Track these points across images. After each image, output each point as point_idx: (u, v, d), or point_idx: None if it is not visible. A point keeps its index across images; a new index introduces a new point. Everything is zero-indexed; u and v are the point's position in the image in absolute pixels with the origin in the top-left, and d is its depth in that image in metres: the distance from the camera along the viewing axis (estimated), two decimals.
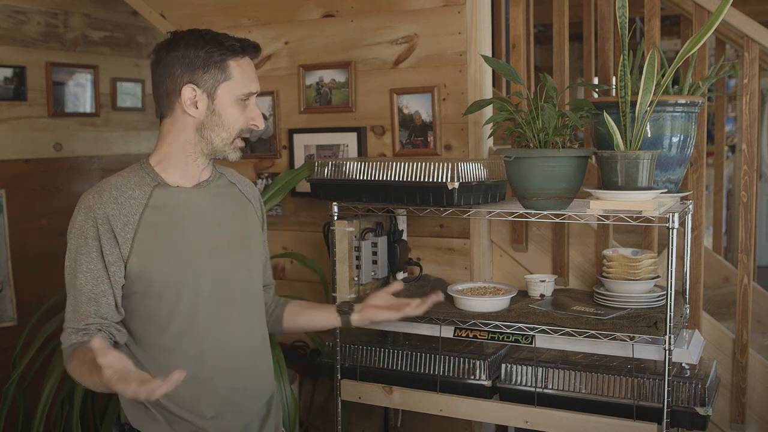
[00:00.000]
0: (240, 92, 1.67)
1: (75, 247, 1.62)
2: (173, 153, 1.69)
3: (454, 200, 2.21)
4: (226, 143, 1.69)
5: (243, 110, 1.69)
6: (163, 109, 1.70)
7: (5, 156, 3.57)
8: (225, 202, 1.78)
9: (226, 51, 1.65)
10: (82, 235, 1.61)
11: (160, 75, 1.67)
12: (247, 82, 1.68)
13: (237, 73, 1.66)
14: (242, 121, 1.69)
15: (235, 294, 1.75)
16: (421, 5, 2.76)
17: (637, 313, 2.16)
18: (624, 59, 2.13)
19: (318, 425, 3.14)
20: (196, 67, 1.63)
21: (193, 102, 1.65)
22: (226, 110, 1.66)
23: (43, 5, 3.71)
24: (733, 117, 6.70)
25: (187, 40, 1.65)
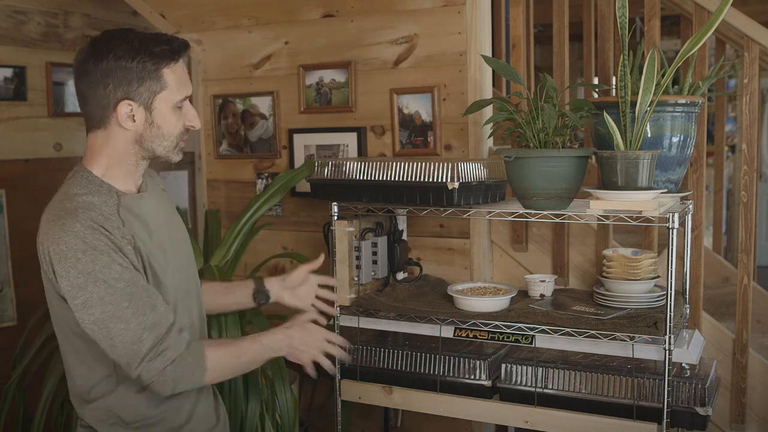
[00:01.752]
0: (176, 99, 1.60)
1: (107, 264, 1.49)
2: (115, 164, 1.61)
3: (454, 200, 2.21)
4: (169, 150, 1.63)
5: (180, 115, 1.62)
6: (95, 122, 1.59)
7: (5, 156, 3.57)
8: (159, 200, 1.75)
9: (158, 59, 1.56)
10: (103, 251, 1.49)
11: (89, 88, 1.56)
12: (182, 88, 1.61)
13: (172, 81, 1.58)
14: (180, 126, 1.62)
15: (191, 285, 1.76)
16: (421, 5, 2.76)
17: (637, 313, 2.16)
18: (624, 59, 2.13)
19: (318, 425, 3.14)
20: (130, 80, 1.54)
21: (129, 116, 1.56)
22: (164, 120, 1.59)
23: (43, 5, 3.71)
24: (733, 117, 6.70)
25: (116, 50, 1.53)
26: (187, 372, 1.54)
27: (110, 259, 1.49)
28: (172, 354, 1.52)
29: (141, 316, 1.50)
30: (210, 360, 1.58)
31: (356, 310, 2.45)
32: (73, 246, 1.48)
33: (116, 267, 1.50)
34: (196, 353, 1.56)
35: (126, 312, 1.49)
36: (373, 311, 2.42)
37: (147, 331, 1.51)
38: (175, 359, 1.52)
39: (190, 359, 1.55)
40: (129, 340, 1.49)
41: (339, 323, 2.48)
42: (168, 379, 1.52)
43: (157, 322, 1.52)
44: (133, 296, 1.51)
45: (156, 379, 1.52)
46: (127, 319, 1.49)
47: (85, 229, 1.49)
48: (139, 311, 1.51)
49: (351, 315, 2.46)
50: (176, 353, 1.53)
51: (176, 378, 1.53)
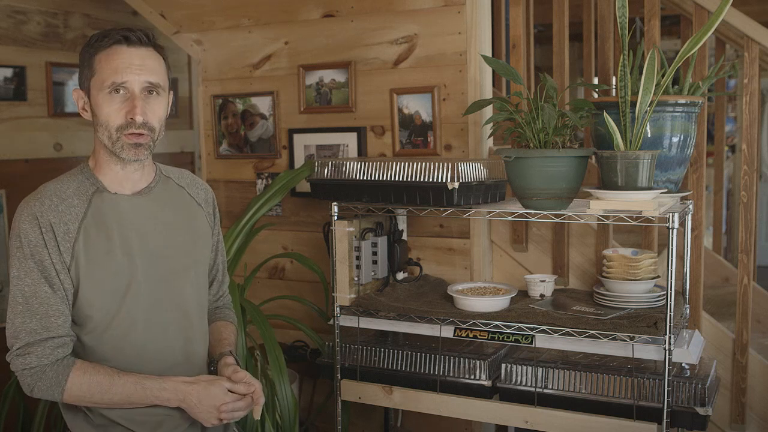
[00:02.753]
0: (105, 84, 1.57)
1: (26, 256, 1.55)
2: (98, 159, 1.67)
3: (454, 200, 2.21)
4: (114, 142, 1.60)
5: (120, 104, 1.58)
6: None
7: (5, 156, 3.57)
8: (168, 208, 1.72)
9: (93, 48, 1.60)
10: (30, 243, 1.55)
11: None
12: (111, 73, 1.57)
13: (101, 66, 1.58)
14: (120, 116, 1.58)
15: (175, 302, 1.70)
16: (421, 5, 2.76)
17: (637, 313, 2.16)
18: (624, 59, 2.13)
19: (318, 425, 3.14)
20: (80, 70, 1.63)
21: (83, 107, 1.64)
22: (99, 107, 1.60)
23: (43, 5, 3.71)
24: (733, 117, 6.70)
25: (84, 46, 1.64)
26: (44, 384, 1.56)
27: (30, 253, 1.55)
28: (33, 361, 1.55)
29: (26, 317, 1.56)
30: (71, 383, 1.56)
31: (356, 310, 2.45)
32: (14, 229, 1.58)
33: (30, 263, 1.55)
34: (59, 371, 1.56)
35: (18, 307, 1.56)
36: (373, 311, 2.42)
37: (24, 333, 1.55)
38: (34, 368, 1.55)
39: (51, 374, 1.56)
40: (11, 332, 1.57)
41: (339, 323, 2.48)
42: (25, 381, 1.57)
43: (37, 330, 1.55)
44: (31, 297, 1.56)
45: (17, 374, 1.57)
46: (16, 312, 1.56)
47: (26, 216, 1.57)
48: (27, 312, 1.56)
49: (351, 315, 2.46)
50: (38, 363, 1.55)
51: (32, 384, 1.56)
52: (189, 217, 1.77)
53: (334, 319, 2.48)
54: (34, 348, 1.55)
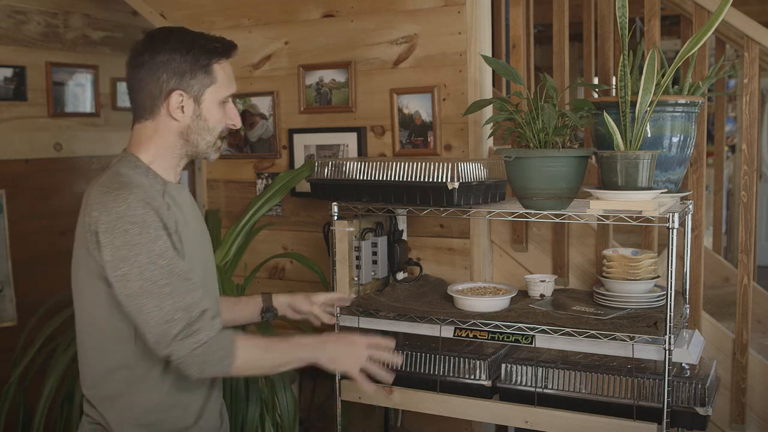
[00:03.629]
0: (223, 95, 1.68)
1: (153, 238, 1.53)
2: (161, 156, 1.67)
3: (454, 200, 2.21)
4: (210, 145, 1.70)
5: (223, 111, 1.69)
6: (144, 112, 1.67)
7: (5, 156, 3.57)
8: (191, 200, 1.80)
9: (211, 54, 1.64)
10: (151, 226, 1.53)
11: (143, 79, 1.64)
12: (229, 84, 1.69)
13: (221, 76, 1.67)
14: (223, 123, 1.70)
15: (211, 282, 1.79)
16: (421, 5, 2.76)
17: (637, 313, 2.16)
18: (624, 59, 2.13)
19: (318, 425, 3.14)
20: (183, 72, 1.62)
21: (179, 107, 1.63)
22: (211, 114, 1.66)
23: (43, 5, 3.71)
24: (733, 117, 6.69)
25: (171, 43, 1.62)
26: (215, 357, 1.55)
27: (156, 236, 1.53)
28: (203, 337, 1.53)
29: (177, 297, 1.53)
30: (239, 350, 1.58)
31: (356, 310, 2.44)
32: (123, 216, 1.52)
33: (161, 244, 1.54)
34: (226, 341, 1.57)
35: (163, 290, 1.52)
36: (373, 311, 2.42)
37: (180, 312, 1.52)
38: (206, 342, 1.53)
39: (221, 345, 1.56)
40: (161, 318, 1.51)
41: (339, 323, 2.48)
42: (196, 361, 1.53)
43: (192, 305, 1.54)
44: (172, 275, 1.53)
45: (184, 359, 1.53)
46: (162, 297, 1.52)
47: (138, 203, 1.53)
48: (175, 291, 1.53)
49: (351, 315, 2.46)
50: (207, 337, 1.54)
51: (204, 361, 1.54)
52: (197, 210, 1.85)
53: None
54: (198, 324, 1.53)
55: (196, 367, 1.54)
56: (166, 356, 1.54)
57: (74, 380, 2.59)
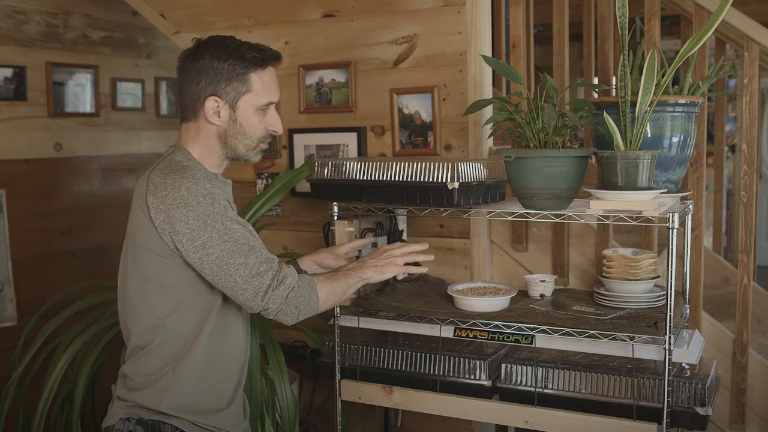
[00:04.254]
0: (260, 103, 1.77)
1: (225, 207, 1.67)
2: (205, 154, 1.80)
3: (454, 200, 2.21)
4: (249, 149, 1.81)
5: (263, 118, 1.79)
6: (188, 113, 1.79)
7: (5, 156, 3.57)
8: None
9: (248, 64, 1.74)
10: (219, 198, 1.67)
11: (185, 83, 1.76)
12: (267, 93, 1.77)
13: (257, 85, 1.75)
14: (262, 128, 1.79)
15: None
16: (421, 5, 2.76)
17: (637, 313, 2.16)
18: (624, 59, 2.13)
19: (318, 425, 3.14)
20: (219, 79, 1.73)
21: (215, 112, 1.75)
22: (247, 120, 1.77)
23: (43, 5, 3.71)
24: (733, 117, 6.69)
25: (212, 51, 1.73)
26: (305, 297, 1.72)
27: (226, 204, 1.69)
28: (291, 281, 1.69)
29: (257, 252, 1.68)
30: (319, 286, 1.77)
31: (356, 310, 2.45)
32: (194, 191, 1.66)
33: (231, 211, 1.69)
34: (307, 281, 1.75)
35: (243, 248, 1.66)
36: (373, 311, 2.42)
37: (264, 264, 1.68)
38: (295, 286, 1.70)
39: (305, 285, 1.73)
40: (249, 273, 1.66)
41: (339, 323, 2.48)
42: (291, 306, 1.69)
43: (270, 258, 1.70)
44: (248, 235, 1.69)
45: (281, 306, 1.68)
46: (245, 254, 1.66)
47: (203, 179, 1.68)
48: (254, 248, 1.68)
49: (351, 315, 2.46)
50: (294, 281, 1.70)
51: (298, 304, 1.70)
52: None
53: (334, 319, 2.48)
54: (282, 272, 1.69)
55: (292, 310, 1.69)
56: (263, 309, 1.68)
57: (74, 380, 2.59)
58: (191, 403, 1.75)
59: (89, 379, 2.59)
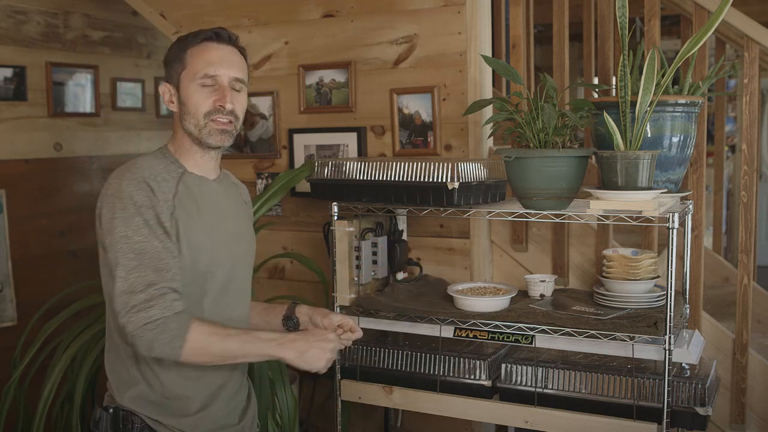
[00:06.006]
0: (196, 75, 1.71)
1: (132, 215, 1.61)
2: (179, 146, 1.77)
3: (454, 200, 2.21)
4: (201, 128, 1.73)
5: (209, 94, 1.72)
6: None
7: (5, 156, 3.57)
8: (233, 199, 1.88)
9: (185, 44, 1.74)
10: (136, 203, 1.61)
11: None
12: (204, 65, 1.72)
13: (193, 60, 1.72)
14: (208, 104, 1.72)
15: (237, 284, 1.82)
16: (421, 5, 2.76)
17: (637, 313, 2.16)
18: (624, 59, 2.13)
19: (318, 425, 3.14)
20: (167, 66, 1.77)
21: (169, 99, 1.76)
22: (189, 98, 1.72)
23: (43, 5, 3.71)
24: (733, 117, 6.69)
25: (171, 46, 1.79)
26: (166, 337, 1.55)
27: (137, 212, 1.61)
28: (156, 313, 1.55)
29: (141, 271, 1.58)
30: (192, 333, 1.57)
31: (356, 310, 2.45)
32: (115, 192, 1.63)
33: (138, 221, 1.61)
34: (181, 323, 1.57)
35: (130, 263, 1.58)
36: (373, 311, 2.42)
37: (143, 286, 1.57)
38: (158, 320, 1.55)
39: (173, 326, 1.56)
40: (124, 288, 1.57)
41: None
42: (146, 337, 1.55)
43: (155, 283, 1.58)
44: (143, 253, 1.59)
45: (136, 333, 1.55)
46: (129, 269, 1.58)
47: (130, 182, 1.63)
48: (141, 266, 1.58)
49: (351, 315, 2.46)
50: (161, 315, 1.56)
51: (154, 339, 1.55)
52: (243, 213, 1.92)
53: None
54: (156, 300, 1.56)
55: (145, 343, 1.56)
56: (123, 327, 1.57)
57: (74, 380, 2.59)
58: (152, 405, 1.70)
59: (89, 379, 2.59)
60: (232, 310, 1.80)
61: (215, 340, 1.60)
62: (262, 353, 1.68)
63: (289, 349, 1.66)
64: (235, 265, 1.81)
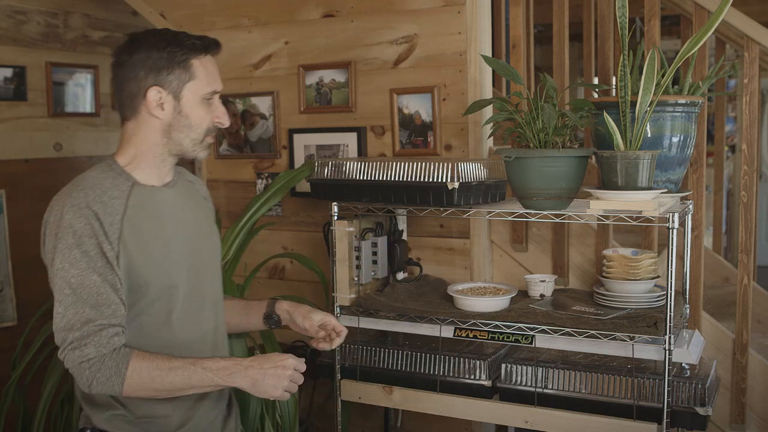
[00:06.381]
0: (205, 91, 1.66)
1: (70, 246, 1.53)
2: (141, 155, 1.67)
3: (454, 200, 2.21)
4: (196, 143, 1.68)
5: (208, 109, 1.68)
6: (126, 111, 1.67)
7: (5, 156, 3.57)
8: (189, 201, 1.79)
9: (188, 50, 1.63)
10: (75, 233, 1.54)
11: (123, 78, 1.65)
12: (211, 81, 1.67)
13: (201, 72, 1.65)
14: (208, 120, 1.68)
15: (205, 291, 1.76)
16: (421, 5, 2.76)
17: (637, 313, 2.16)
18: (624, 59, 2.13)
19: (318, 425, 3.14)
20: (160, 68, 1.62)
21: (159, 104, 1.63)
22: (192, 110, 1.66)
23: (43, 5, 3.71)
24: (733, 117, 6.69)
25: (149, 41, 1.63)
26: (104, 375, 1.52)
27: (75, 243, 1.53)
28: (91, 352, 1.51)
29: (78, 307, 1.52)
30: (132, 370, 1.53)
31: (356, 310, 2.45)
32: (56, 221, 1.56)
33: (76, 253, 1.53)
34: (119, 360, 1.53)
35: (66, 299, 1.53)
36: (373, 311, 2.42)
37: (78, 323, 1.52)
38: (93, 359, 1.52)
39: (110, 363, 1.52)
40: (63, 325, 1.53)
41: None
42: (83, 376, 1.52)
43: (93, 320, 1.52)
44: (81, 288, 1.53)
45: (74, 371, 1.53)
46: (66, 305, 1.53)
47: (71, 208, 1.55)
48: (78, 302, 1.52)
49: (351, 315, 2.46)
50: (96, 353, 1.52)
51: (91, 377, 1.52)
52: (203, 211, 1.84)
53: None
54: (91, 338, 1.52)
55: (84, 380, 1.53)
56: (63, 362, 1.55)
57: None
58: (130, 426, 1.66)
59: None
60: (203, 323, 1.74)
61: (156, 375, 1.54)
62: (211, 384, 1.58)
63: (241, 377, 1.58)
64: (202, 272, 1.75)
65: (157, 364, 1.55)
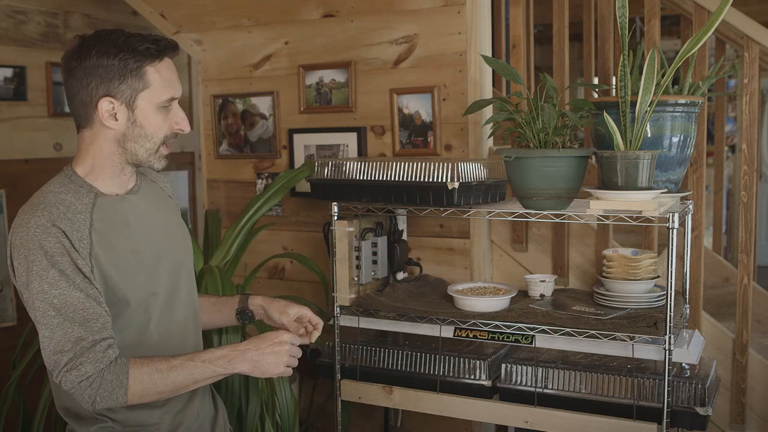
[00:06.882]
0: (161, 99, 1.57)
1: (45, 267, 1.47)
2: (99, 165, 1.60)
3: (454, 200, 2.21)
4: (151, 153, 1.60)
5: (166, 116, 1.60)
6: (81, 120, 1.59)
7: (5, 156, 3.57)
8: (155, 202, 1.73)
9: (141, 57, 1.54)
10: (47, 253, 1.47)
11: (74, 86, 1.56)
12: (168, 87, 1.58)
13: (156, 80, 1.56)
14: (166, 127, 1.60)
15: (181, 294, 1.71)
16: (421, 5, 2.76)
17: (637, 313, 2.16)
18: (624, 59, 2.13)
19: (318, 425, 3.14)
20: (111, 77, 1.53)
21: (111, 115, 1.55)
22: (148, 120, 1.57)
23: (43, 5, 3.71)
24: (733, 117, 6.69)
25: (99, 47, 1.53)
26: (105, 390, 1.48)
27: (51, 263, 1.47)
28: (89, 369, 1.46)
29: (66, 328, 1.47)
30: (133, 379, 1.49)
31: (356, 310, 2.45)
32: (25, 242, 1.48)
33: (54, 273, 1.47)
34: (118, 371, 1.49)
35: (53, 321, 1.47)
36: (373, 311, 2.42)
37: (70, 343, 1.47)
38: (92, 376, 1.47)
39: (110, 377, 1.48)
40: (53, 348, 1.47)
41: (339, 323, 2.48)
42: (85, 395, 1.47)
43: (83, 338, 1.47)
44: (65, 307, 1.47)
45: (74, 391, 1.48)
46: (52, 328, 1.47)
47: (37, 228, 1.48)
48: (65, 323, 1.47)
49: (351, 315, 2.46)
50: (95, 369, 1.47)
51: (93, 394, 1.47)
52: (170, 210, 1.77)
53: (334, 319, 2.48)
54: (86, 356, 1.46)
55: (86, 399, 1.48)
56: (60, 384, 1.49)
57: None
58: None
59: None
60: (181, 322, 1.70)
61: (158, 378, 1.51)
62: (214, 375, 1.56)
63: (241, 362, 1.56)
64: (177, 272, 1.70)
65: (157, 366, 1.52)
